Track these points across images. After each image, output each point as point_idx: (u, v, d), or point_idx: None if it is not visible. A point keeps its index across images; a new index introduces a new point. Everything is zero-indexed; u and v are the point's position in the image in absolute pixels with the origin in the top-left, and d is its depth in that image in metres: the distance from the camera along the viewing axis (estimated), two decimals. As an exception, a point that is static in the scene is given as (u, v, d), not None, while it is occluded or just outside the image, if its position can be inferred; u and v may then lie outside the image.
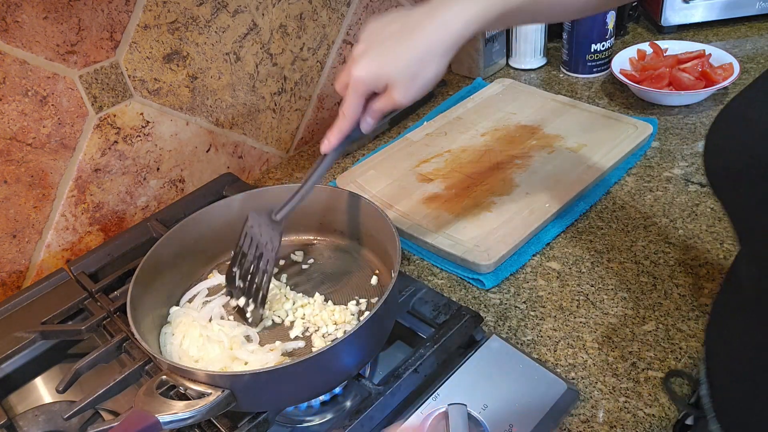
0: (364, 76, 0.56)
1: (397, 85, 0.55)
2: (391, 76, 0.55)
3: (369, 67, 0.56)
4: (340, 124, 0.60)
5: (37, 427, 0.64)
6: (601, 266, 0.76)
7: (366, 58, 0.56)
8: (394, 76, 0.55)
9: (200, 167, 0.96)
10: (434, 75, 0.56)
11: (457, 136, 1.00)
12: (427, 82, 0.56)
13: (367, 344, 0.60)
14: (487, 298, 0.74)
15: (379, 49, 0.56)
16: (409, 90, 0.56)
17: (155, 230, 0.84)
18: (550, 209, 0.82)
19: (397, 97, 0.56)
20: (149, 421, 0.51)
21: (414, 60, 0.55)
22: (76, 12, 0.75)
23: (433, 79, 0.56)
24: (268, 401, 0.58)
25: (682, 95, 1.00)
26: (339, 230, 0.76)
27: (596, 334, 0.68)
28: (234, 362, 0.62)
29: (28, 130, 0.76)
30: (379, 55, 0.56)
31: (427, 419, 0.57)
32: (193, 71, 0.89)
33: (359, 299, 0.69)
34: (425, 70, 0.55)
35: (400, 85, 0.55)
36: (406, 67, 0.55)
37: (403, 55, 0.55)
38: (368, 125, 0.60)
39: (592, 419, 0.59)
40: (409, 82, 0.55)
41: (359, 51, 0.57)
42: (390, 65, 0.55)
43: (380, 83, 0.56)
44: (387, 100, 0.57)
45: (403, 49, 0.55)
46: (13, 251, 0.80)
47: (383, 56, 0.55)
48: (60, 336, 0.72)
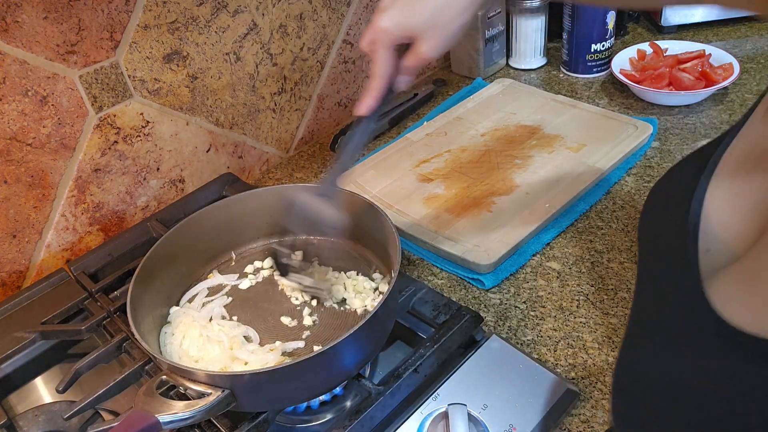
0: (389, 26, 0.54)
1: (424, 36, 0.54)
2: (416, 27, 0.54)
3: (393, 17, 0.54)
4: (373, 84, 0.58)
5: (37, 427, 0.64)
6: (601, 266, 0.76)
7: (391, 9, 0.55)
8: (420, 26, 0.54)
9: (200, 167, 0.96)
10: (459, 25, 0.54)
11: (457, 136, 1.00)
12: (453, 33, 0.55)
13: (367, 344, 0.60)
14: (487, 298, 0.74)
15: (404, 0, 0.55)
16: (436, 41, 0.55)
17: (155, 230, 0.84)
18: (550, 209, 0.82)
19: (425, 49, 0.55)
20: (149, 421, 0.51)
21: (436, 10, 0.53)
22: (76, 12, 0.75)
23: (458, 30, 0.55)
24: (268, 401, 0.58)
25: (682, 95, 1.00)
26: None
27: (596, 334, 0.68)
28: (234, 362, 0.62)
29: (28, 130, 0.76)
30: (404, 5, 0.54)
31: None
32: (193, 71, 0.89)
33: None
34: (451, 20, 0.54)
35: (427, 35, 0.54)
36: (431, 16, 0.53)
37: (427, 4, 0.53)
38: (404, 83, 0.59)
39: (592, 419, 0.59)
40: (435, 32, 0.54)
41: (384, 3, 0.56)
42: (414, 15, 0.54)
43: (405, 33, 0.55)
44: (416, 54, 0.56)
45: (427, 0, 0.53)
46: (13, 251, 0.80)
47: (408, 6, 0.54)
48: (60, 336, 0.72)
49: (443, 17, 0.54)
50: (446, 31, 0.54)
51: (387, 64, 0.57)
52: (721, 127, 0.96)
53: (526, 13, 1.14)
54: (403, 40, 0.55)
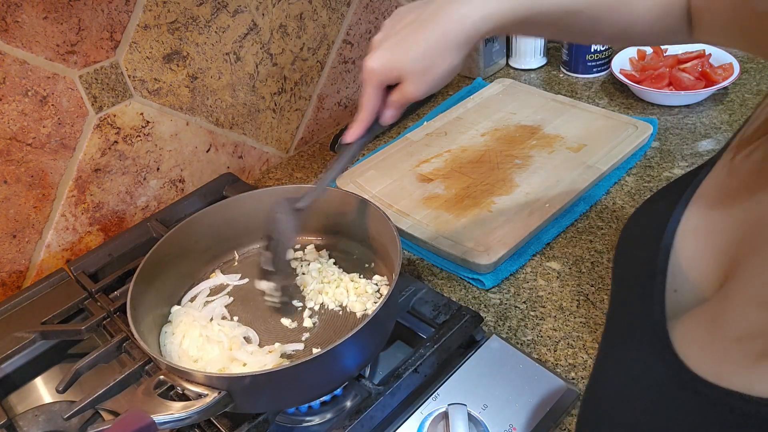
0: (376, 67, 0.55)
1: (409, 77, 0.54)
2: (403, 69, 0.54)
3: (381, 58, 0.54)
4: (360, 116, 0.59)
5: (37, 427, 0.64)
6: (601, 266, 0.76)
7: (380, 48, 0.55)
8: (406, 68, 0.54)
9: (200, 167, 0.96)
10: (447, 69, 0.54)
11: (457, 136, 1.00)
12: (441, 76, 0.55)
13: (368, 346, 0.60)
14: (487, 298, 0.74)
15: (394, 40, 0.54)
16: (421, 83, 0.55)
17: (155, 230, 0.84)
18: (550, 209, 0.82)
19: (409, 89, 0.55)
20: (145, 421, 0.51)
21: (425, 53, 0.53)
22: (76, 12, 0.75)
23: (446, 74, 0.55)
24: (266, 403, 0.58)
25: (682, 95, 1.00)
26: (340, 231, 0.76)
27: (596, 334, 0.68)
28: (233, 363, 0.62)
29: (28, 130, 0.76)
30: (393, 46, 0.54)
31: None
32: (193, 71, 0.89)
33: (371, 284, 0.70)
34: (437, 63, 0.54)
35: (412, 77, 0.54)
36: (418, 59, 0.53)
37: (415, 47, 0.53)
38: (387, 117, 0.59)
39: (592, 419, 0.59)
40: (420, 75, 0.54)
41: (377, 40, 0.56)
42: (402, 57, 0.54)
43: (392, 75, 0.55)
44: (401, 93, 0.56)
45: (416, 41, 0.53)
46: (13, 251, 0.80)
47: (396, 47, 0.54)
48: (60, 336, 0.72)
49: (430, 61, 0.53)
50: (433, 75, 0.54)
51: (374, 101, 0.57)
52: (721, 127, 0.96)
53: (526, 13, 1.14)
54: (390, 82, 0.56)
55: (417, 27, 0.53)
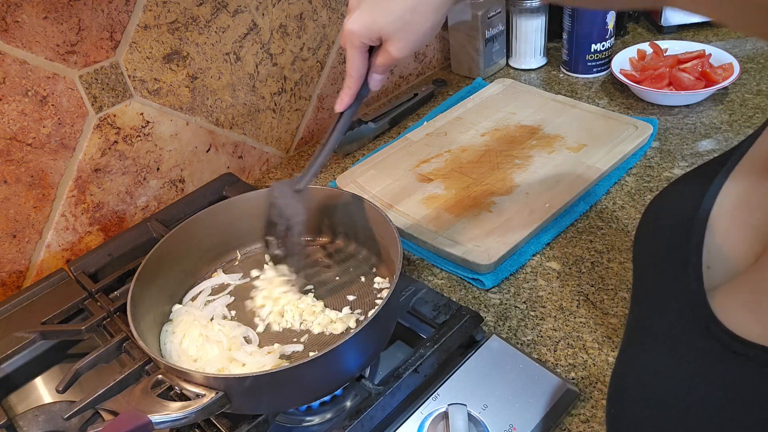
0: (357, 29, 0.53)
1: (391, 37, 0.53)
2: (384, 28, 0.52)
3: (361, 19, 0.53)
4: (347, 82, 0.58)
5: (37, 427, 0.64)
6: (601, 266, 0.76)
7: (359, 9, 0.53)
8: (387, 28, 0.52)
9: (200, 167, 0.96)
10: (430, 27, 0.53)
11: (457, 136, 1.00)
12: (423, 35, 0.53)
13: (369, 346, 0.60)
14: (487, 298, 0.74)
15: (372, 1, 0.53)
16: (404, 43, 0.53)
17: (155, 230, 0.84)
18: (550, 209, 0.82)
19: (392, 50, 0.54)
20: (141, 420, 0.51)
21: (405, 11, 0.52)
22: (76, 12, 0.75)
23: (428, 32, 0.53)
24: (264, 404, 0.58)
25: (682, 95, 1.00)
26: (341, 232, 0.76)
27: (596, 334, 0.68)
28: (232, 363, 0.62)
29: (28, 130, 0.76)
30: (372, 6, 0.53)
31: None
32: (193, 71, 0.89)
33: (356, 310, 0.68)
34: (419, 21, 0.52)
35: (395, 37, 0.53)
36: (399, 18, 0.52)
37: (395, 5, 0.52)
38: (375, 81, 0.58)
39: (592, 419, 0.59)
40: (402, 34, 0.52)
41: (353, 3, 0.55)
42: (382, 17, 0.52)
43: (373, 35, 0.53)
44: (384, 54, 0.55)
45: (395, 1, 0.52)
46: (13, 251, 0.80)
47: (375, 7, 0.52)
48: (60, 336, 0.72)
49: (412, 19, 0.52)
50: (416, 33, 0.53)
51: (358, 65, 0.56)
52: (721, 127, 0.96)
53: (526, 13, 1.14)
54: (372, 43, 0.55)
55: None
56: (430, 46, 1.24)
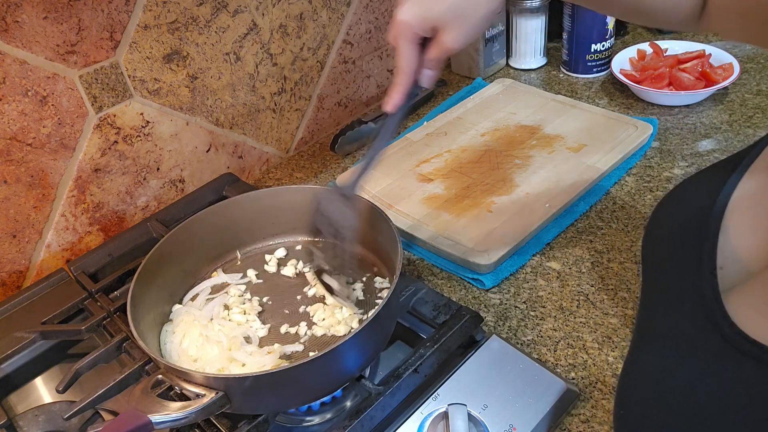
0: (410, 19, 0.50)
1: (446, 27, 0.50)
2: (438, 18, 0.50)
3: (414, 8, 0.50)
4: (398, 79, 0.54)
5: (37, 427, 0.64)
6: (601, 266, 0.76)
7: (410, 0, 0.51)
8: (442, 16, 0.50)
9: (200, 167, 0.96)
10: (485, 14, 0.50)
11: (457, 136, 1.00)
12: (478, 23, 0.51)
13: (369, 346, 0.60)
14: (487, 298, 0.74)
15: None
16: (460, 31, 0.50)
17: (155, 230, 0.84)
18: (550, 209, 0.82)
19: (448, 40, 0.51)
20: (141, 420, 0.51)
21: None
22: (76, 12, 0.75)
23: (483, 19, 0.50)
24: (264, 404, 0.58)
25: (682, 95, 1.00)
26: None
27: (596, 334, 0.68)
28: (232, 363, 0.62)
29: (28, 130, 0.76)
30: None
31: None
32: (193, 71, 0.89)
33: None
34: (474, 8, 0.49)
35: (450, 26, 0.50)
36: (452, 6, 0.49)
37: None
38: (428, 78, 0.55)
39: (592, 419, 0.59)
40: (458, 22, 0.50)
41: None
42: (436, 5, 0.50)
43: (427, 26, 0.51)
44: (439, 46, 0.52)
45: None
46: (13, 251, 0.80)
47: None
48: (60, 336, 0.72)
49: (467, 6, 0.49)
50: (471, 21, 0.50)
51: (411, 59, 0.53)
52: (721, 127, 0.96)
53: (526, 13, 1.14)
54: (426, 33, 0.52)
55: None
56: (430, 46, 1.24)
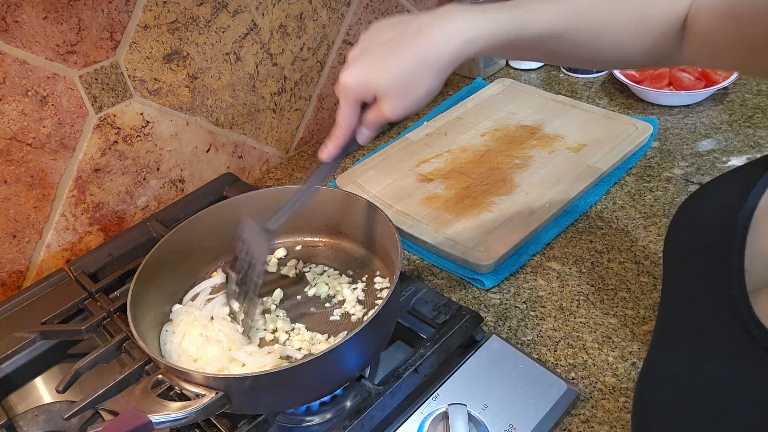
0: (352, 83, 0.52)
1: (385, 97, 0.52)
2: (379, 87, 0.52)
3: (358, 75, 0.52)
4: (336, 132, 0.57)
5: (37, 427, 0.64)
6: (601, 266, 0.76)
7: (357, 64, 0.53)
8: (383, 87, 0.51)
9: (200, 167, 0.96)
10: (426, 91, 0.52)
11: (457, 136, 1.00)
12: (419, 99, 0.52)
13: (369, 346, 0.60)
14: (487, 298, 0.74)
15: (372, 57, 0.52)
16: (398, 104, 0.52)
17: (155, 230, 0.84)
18: (550, 209, 0.82)
19: (385, 110, 0.52)
20: (141, 420, 0.51)
21: (404, 74, 0.51)
22: (76, 12, 0.75)
23: (425, 96, 0.52)
24: (263, 404, 0.58)
25: (682, 95, 1.00)
26: (343, 232, 0.76)
27: (596, 334, 0.68)
28: (232, 363, 0.62)
29: (28, 130, 0.76)
30: (370, 64, 0.52)
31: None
32: (193, 71, 0.89)
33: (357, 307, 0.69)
34: (415, 85, 0.51)
35: (389, 97, 0.52)
36: (395, 79, 0.51)
37: (394, 66, 0.51)
38: (363, 136, 0.57)
39: (592, 419, 0.59)
40: (397, 95, 0.52)
41: (353, 55, 0.54)
42: (379, 75, 0.51)
43: (368, 93, 0.53)
44: (377, 112, 0.54)
45: (394, 60, 0.51)
46: (13, 251, 0.80)
47: (374, 65, 0.52)
48: (60, 336, 0.72)
49: (408, 82, 0.51)
50: (411, 96, 0.52)
51: (350, 118, 0.55)
52: (721, 127, 0.96)
53: (526, 13, 1.14)
54: (367, 100, 0.54)
55: (397, 46, 0.51)
56: (430, 46, 1.24)
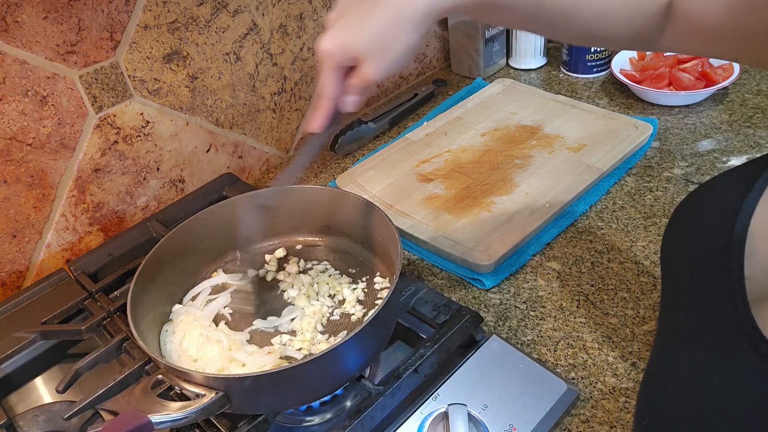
0: (331, 48, 0.51)
1: (367, 58, 0.51)
2: (359, 49, 0.50)
3: (336, 38, 0.51)
4: (320, 102, 0.56)
5: (37, 427, 0.64)
6: (601, 266, 0.76)
7: (334, 28, 0.51)
8: (363, 48, 0.50)
9: (200, 167, 0.96)
10: (406, 48, 0.51)
11: (457, 136, 1.00)
12: (399, 56, 0.51)
13: (369, 346, 0.60)
14: (487, 298, 0.74)
15: (348, 19, 0.51)
16: (379, 64, 0.51)
17: (155, 230, 0.84)
18: (550, 209, 0.82)
19: (368, 71, 0.51)
20: (141, 420, 0.51)
21: (380, 31, 0.50)
22: (76, 12, 0.75)
23: (405, 53, 0.51)
24: (264, 404, 0.58)
25: (682, 95, 1.00)
26: (343, 232, 0.76)
27: (596, 334, 0.68)
28: (232, 363, 0.62)
29: (28, 130, 0.76)
30: (348, 25, 0.51)
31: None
32: (193, 71, 0.89)
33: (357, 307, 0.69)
34: (395, 42, 0.50)
35: (371, 58, 0.51)
36: (373, 38, 0.50)
37: (371, 25, 0.50)
38: (349, 104, 0.56)
39: (592, 419, 0.59)
40: (379, 54, 0.51)
41: (331, 19, 0.53)
42: (357, 37, 0.50)
43: (348, 56, 0.51)
44: (359, 75, 0.53)
45: (370, 19, 0.50)
46: (13, 251, 0.80)
47: (351, 26, 0.51)
48: (60, 336, 0.72)
49: (387, 39, 0.50)
50: (392, 54, 0.51)
51: (333, 85, 0.54)
52: (721, 127, 0.96)
53: (526, 13, 1.14)
54: (348, 63, 0.53)
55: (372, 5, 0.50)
56: (430, 46, 1.24)
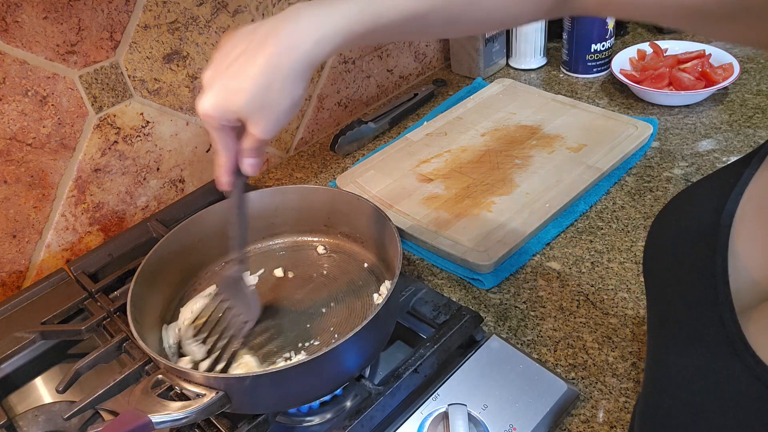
0: (210, 111, 0.49)
1: (251, 119, 0.48)
2: (240, 110, 0.48)
3: (213, 100, 0.49)
4: (219, 160, 0.53)
5: (37, 427, 0.64)
6: (601, 266, 0.76)
7: (211, 89, 0.49)
8: (243, 109, 0.48)
9: (200, 167, 0.96)
10: (290, 103, 0.48)
11: (457, 136, 1.00)
12: (285, 112, 0.49)
13: (368, 346, 0.60)
14: (487, 298, 0.74)
15: (224, 79, 0.48)
16: (266, 123, 0.48)
17: (155, 230, 0.84)
18: (550, 209, 0.82)
19: (255, 132, 0.49)
20: (141, 420, 0.51)
21: (259, 90, 0.47)
22: (76, 12, 0.75)
23: (289, 108, 0.49)
24: (264, 404, 0.58)
25: (682, 95, 1.00)
26: (343, 232, 0.76)
27: (596, 334, 0.68)
28: None
29: (28, 130, 0.76)
30: (224, 86, 0.48)
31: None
32: (193, 71, 0.89)
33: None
34: (277, 99, 0.47)
35: (255, 118, 0.48)
36: (254, 98, 0.47)
37: (247, 84, 0.47)
38: (248, 166, 0.53)
39: (592, 419, 0.59)
40: (262, 114, 0.48)
41: (207, 78, 0.50)
42: (235, 97, 0.47)
43: (230, 118, 0.49)
44: (249, 137, 0.50)
45: (246, 78, 0.47)
46: (13, 251, 0.80)
47: (227, 87, 0.48)
48: (60, 336, 0.72)
49: (267, 98, 0.47)
50: (276, 112, 0.48)
51: (225, 144, 0.52)
52: (721, 127, 0.96)
53: (526, 13, 1.14)
54: (232, 123, 0.50)
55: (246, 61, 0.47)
56: (430, 46, 1.24)
